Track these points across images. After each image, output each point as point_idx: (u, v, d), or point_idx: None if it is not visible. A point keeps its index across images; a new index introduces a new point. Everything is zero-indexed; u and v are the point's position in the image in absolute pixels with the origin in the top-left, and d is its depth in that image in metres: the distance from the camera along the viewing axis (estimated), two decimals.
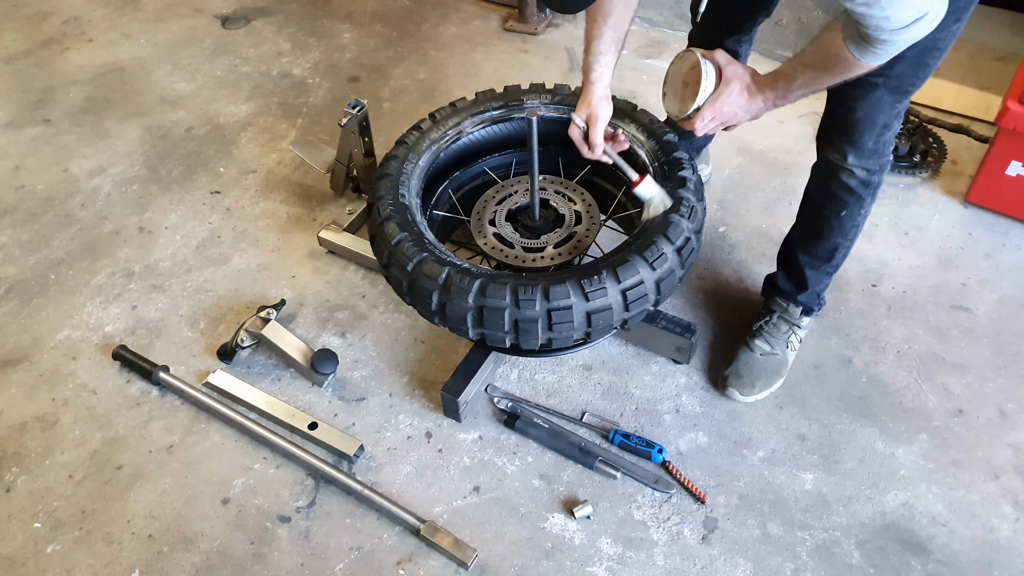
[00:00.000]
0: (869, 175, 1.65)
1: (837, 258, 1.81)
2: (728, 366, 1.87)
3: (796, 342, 1.91)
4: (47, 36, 3.17)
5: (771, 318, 1.90)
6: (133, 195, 2.46)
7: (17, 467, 1.80)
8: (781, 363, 1.88)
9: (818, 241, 1.79)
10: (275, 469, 1.78)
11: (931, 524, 1.65)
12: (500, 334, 1.52)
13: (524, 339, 1.52)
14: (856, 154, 1.62)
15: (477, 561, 1.61)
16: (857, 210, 1.71)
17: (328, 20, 3.22)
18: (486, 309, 1.49)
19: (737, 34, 1.94)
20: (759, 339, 1.88)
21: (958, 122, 2.52)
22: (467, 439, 1.82)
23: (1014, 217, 2.24)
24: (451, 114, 1.89)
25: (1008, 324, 2.00)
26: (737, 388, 1.84)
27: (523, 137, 1.91)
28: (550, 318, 1.48)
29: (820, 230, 1.77)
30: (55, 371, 1.98)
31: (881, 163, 1.65)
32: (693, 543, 1.63)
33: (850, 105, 1.54)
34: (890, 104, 1.53)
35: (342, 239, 2.20)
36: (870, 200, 1.70)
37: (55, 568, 1.63)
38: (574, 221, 1.80)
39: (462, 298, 1.50)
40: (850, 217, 1.72)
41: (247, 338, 1.94)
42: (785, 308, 1.90)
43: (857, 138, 1.59)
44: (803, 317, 1.90)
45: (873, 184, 1.67)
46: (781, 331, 1.89)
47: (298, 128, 2.70)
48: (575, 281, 1.48)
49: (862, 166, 1.64)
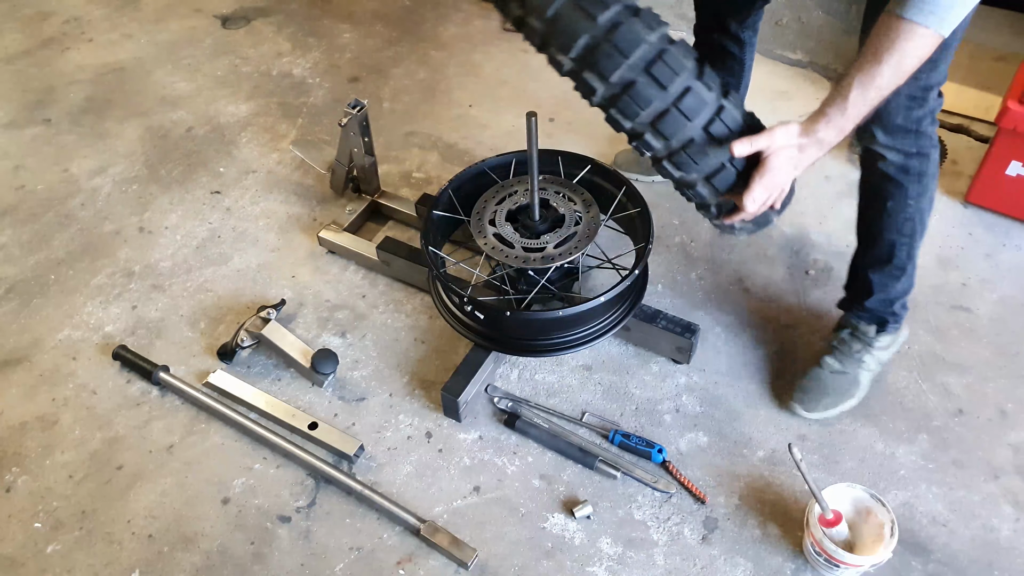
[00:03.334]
0: (905, 159, 1.55)
1: (898, 257, 1.69)
2: (797, 380, 1.82)
3: (873, 363, 1.81)
4: (47, 36, 3.17)
5: (842, 334, 1.83)
6: (133, 195, 2.46)
7: (17, 467, 1.80)
8: (852, 383, 1.80)
9: (873, 241, 1.71)
10: (275, 469, 1.78)
11: (931, 524, 1.65)
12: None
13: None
14: (884, 132, 1.52)
15: (477, 561, 1.61)
16: (903, 200, 1.60)
17: (328, 20, 3.22)
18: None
19: (739, 17, 1.91)
20: (830, 356, 1.82)
21: (958, 122, 2.52)
22: (467, 439, 1.82)
23: (1014, 217, 2.24)
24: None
25: (1008, 324, 2.00)
26: (801, 403, 1.78)
27: None
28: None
29: (872, 228, 1.70)
30: (55, 371, 1.98)
31: (919, 144, 1.54)
32: (693, 543, 1.63)
33: None
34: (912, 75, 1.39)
35: (342, 239, 2.20)
36: (916, 188, 1.59)
37: (55, 568, 1.63)
38: (574, 221, 1.80)
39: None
40: (898, 208, 1.62)
41: (247, 338, 1.94)
42: (856, 325, 1.81)
43: (881, 113, 1.45)
44: (879, 336, 1.80)
45: (913, 170, 1.57)
46: (853, 349, 1.80)
47: (298, 128, 2.70)
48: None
49: (895, 147, 1.54)
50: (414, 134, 2.63)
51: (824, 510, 1.51)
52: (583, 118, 1.93)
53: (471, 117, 2.69)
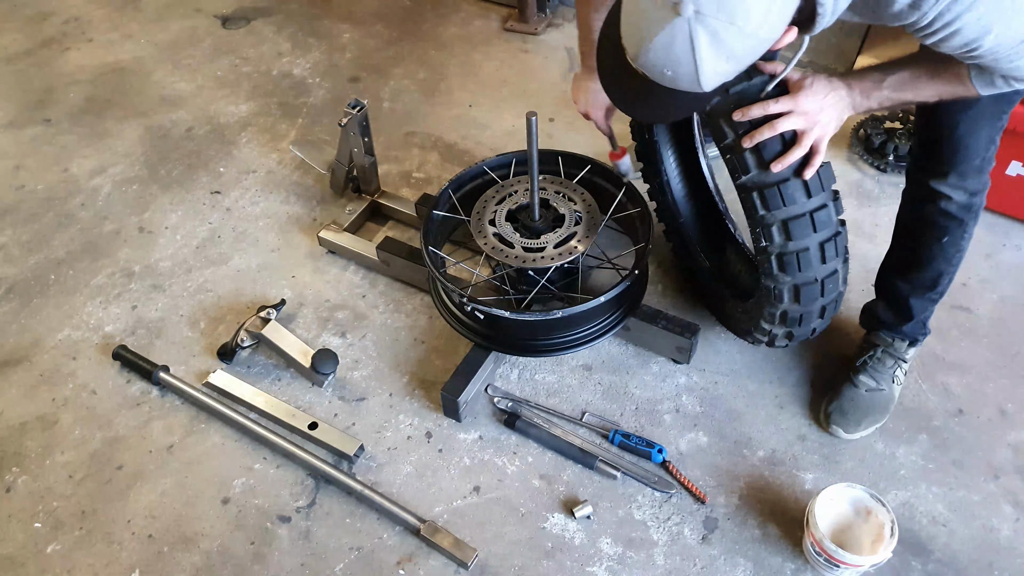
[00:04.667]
0: (971, 197, 1.53)
1: (942, 285, 1.68)
2: (831, 402, 1.79)
3: (902, 376, 1.82)
4: (47, 36, 3.17)
5: (875, 353, 1.80)
6: (133, 195, 2.46)
7: (17, 467, 1.80)
8: (888, 399, 1.79)
9: (919, 270, 1.67)
10: (275, 469, 1.78)
11: (931, 524, 1.65)
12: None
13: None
14: (958, 175, 1.49)
15: (477, 561, 1.61)
16: (960, 235, 1.59)
17: (328, 20, 3.22)
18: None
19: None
20: (863, 375, 1.79)
21: None
22: (467, 439, 1.82)
23: (1014, 217, 2.24)
24: None
25: (1008, 324, 2.00)
26: (841, 426, 1.76)
27: None
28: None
29: (920, 258, 1.66)
30: (55, 371, 1.98)
31: (983, 181, 1.52)
32: (693, 543, 1.63)
33: (951, 121, 1.41)
34: (993, 115, 1.42)
35: (342, 239, 2.20)
36: (973, 223, 1.58)
37: (55, 568, 1.63)
38: (574, 221, 1.80)
39: None
40: (953, 243, 1.59)
41: (247, 338, 1.94)
42: (890, 343, 1.79)
43: (961, 157, 1.46)
44: (909, 349, 1.80)
45: (976, 206, 1.55)
46: (887, 366, 1.79)
47: (298, 128, 2.70)
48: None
49: (964, 188, 1.51)
50: (414, 134, 2.63)
51: (613, 147, 1.53)
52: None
53: (471, 117, 2.69)
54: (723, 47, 1.00)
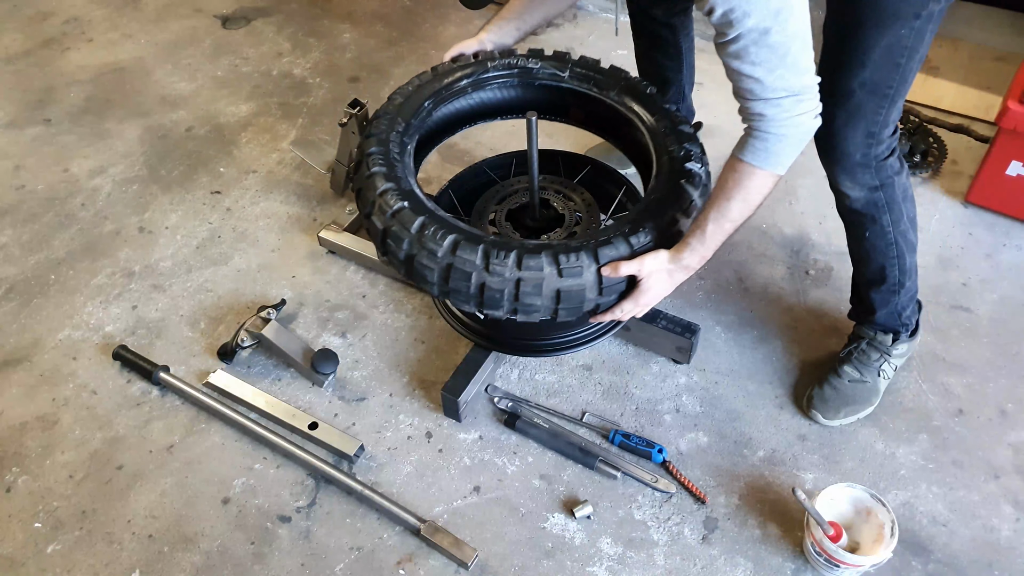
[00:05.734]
0: (870, 193, 1.57)
1: (891, 276, 1.70)
2: (814, 388, 1.82)
3: (889, 370, 1.82)
4: (47, 36, 3.17)
5: (859, 344, 1.82)
6: (133, 195, 2.46)
7: (17, 467, 1.80)
8: (871, 391, 1.81)
9: (864, 263, 1.72)
10: (275, 469, 1.78)
11: (931, 524, 1.65)
12: (465, 296, 1.47)
13: (489, 305, 1.46)
14: (845, 172, 1.55)
15: (477, 561, 1.61)
16: (879, 230, 1.62)
17: (328, 20, 3.22)
18: (454, 268, 1.44)
19: (663, 7, 1.96)
20: (848, 365, 1.81)
21: (958, 122, 2.52)
22: (467, 439, 1.82)
23: (1014, 217, 2.23)
24: (452, 70, 1.82)
25: (1008, 324, 2.00)
26: (821, 411, 1.79)
27: (522, 102, 1.86)
28: (518, 289, 1.42)
29: (858, 253, 1.72)
30: (55, 371, 1.98)
31: (881, 177, 1.55)
32: (693, 543, 1.63)
33: (828, 114, 1.40)
34: (872, 111, 1.46)
35: (342, 239, 2.20)
36: (889, 217, 1.60)
37: (55, 568, 1.63)
38: (574, 221, 1.80)
39: (432, 253, 1.45)
40: (877, 236, 1.64)
41: (247, 338, 1.94)
42: (873, 336, 1.81)
43: (841, 153, 1.52)
44: (896, 344, 1.81)
45: (880, 201, 1.58)
46: (872, 358, 1.81)
47: (298, 128, 2.70)
48: (551, 254, 1.43)
49: (857, 184, 1.56)
50: None
51: (824, 529, 1.51)
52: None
53: None
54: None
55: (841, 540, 1.52)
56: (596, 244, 1.45)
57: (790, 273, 2.14)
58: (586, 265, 1.43)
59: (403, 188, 1.54)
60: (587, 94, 1.79)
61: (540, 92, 1.82)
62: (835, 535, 1.51)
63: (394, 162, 1.59)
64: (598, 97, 1.78)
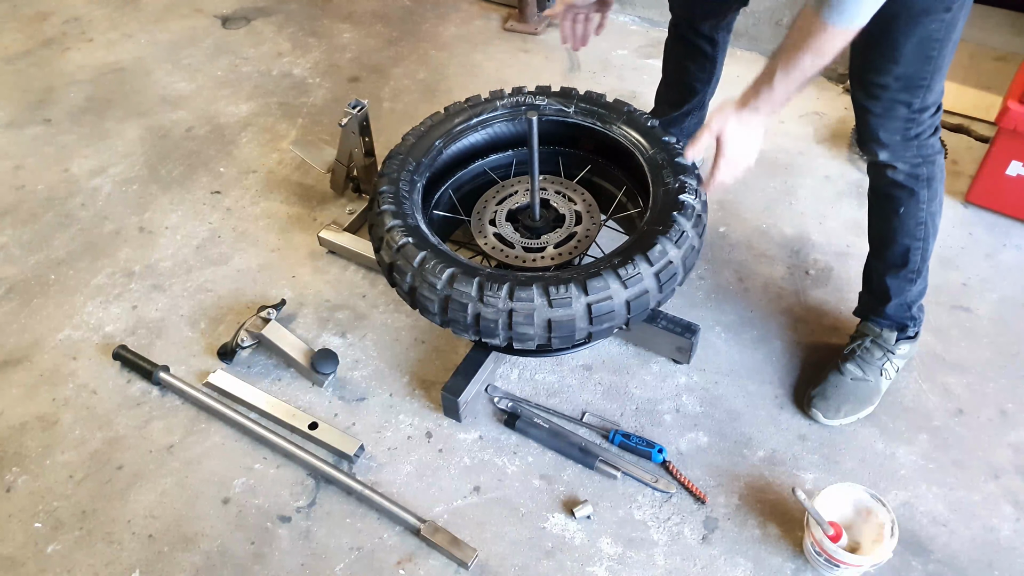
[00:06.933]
0: (913, 167, 1.59)
1: (913, 260, 1.71)
2: (815, 386, 1.82)
3: (892, 370, 1.82)
4: (47, 36, 3.17)
5: (863, 342, 1.82)
6: (133, 195, 2.46)
7: (17, 467, 1.80)
8: (872, 390, 1.80)
9: (887, 245, 1.72)
10: (275, 469, 1.78)
11: (931, 524, 1.65)
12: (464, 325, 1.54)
13: (485, 334, 1.54)
14: (888, 151, 1.57)
15: (477, 561, 1.61)
16: (915, 206, 1.64)
17: (328, 20, 3.22)
18: (451, 299, 1.52)
19: (713, 19, 1.95)
20: (851, 363, 1.81)
21: (958, 122, 2.52)
22: (467, 439, 1.82)
23: (1014, 217, 2.24)
24: (461, 110, 1.89)
25: (1008, 324, 2.00)
26: (821, 410, 1.78)
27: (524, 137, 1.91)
28: (511, 319, 1.49)
29: (885, 234, 1.72)
30: (55, 371, 1.98)
31: (923, 154, 1.58)
32: (693, 543, 1.63)
33: (866, 107, 1.51)
34: (905, 102, 1.49)
35: (342, 239, 2.20)
36: (927, 193, 1.63)
37: (55, 568, 1.63)
38: (574, 221, 1.80)
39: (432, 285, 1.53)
40: (910, 214, 1.65)
41: (247, 338, 1.94)
42: (878, 332, 1.81)
43: (883, 136, 1.55)
44: (900, 343, 1.81)
45: (923, 176, 1.60)
46: (875, 357, 1.80)
47: (298, 128, 2.70)
48: (542, 286, 1.48)
49: (899, 159, 1.58)
50: None
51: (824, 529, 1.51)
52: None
53: None
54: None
55: (841, 540, 1.52)
56: (585, 276, 1.49)
57: (790, 273, 2.14)
58: (575, 296, 1.48)
59: (409, 224, 1.63)
60: (592, 128, 1.86)
61: (549, 126, 1.87)
62: (835, 535, 1.51)
63: (403, 200, 1.68)
64: (601, 131, 1.84)
